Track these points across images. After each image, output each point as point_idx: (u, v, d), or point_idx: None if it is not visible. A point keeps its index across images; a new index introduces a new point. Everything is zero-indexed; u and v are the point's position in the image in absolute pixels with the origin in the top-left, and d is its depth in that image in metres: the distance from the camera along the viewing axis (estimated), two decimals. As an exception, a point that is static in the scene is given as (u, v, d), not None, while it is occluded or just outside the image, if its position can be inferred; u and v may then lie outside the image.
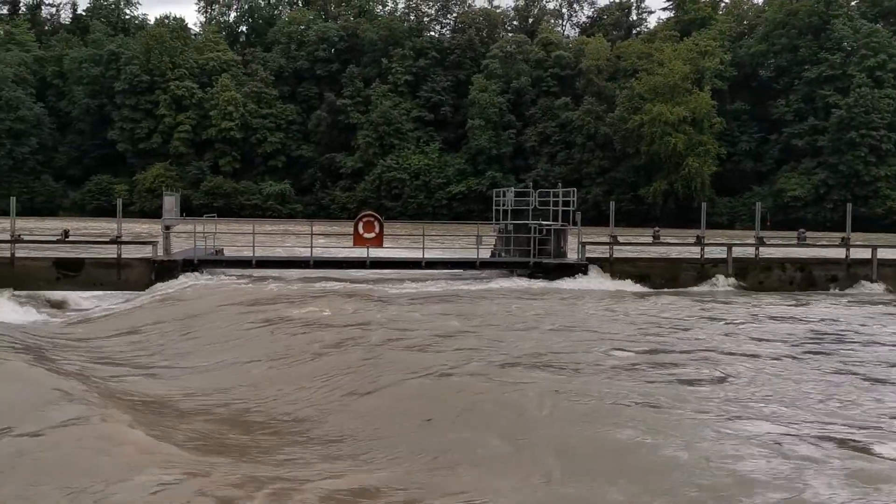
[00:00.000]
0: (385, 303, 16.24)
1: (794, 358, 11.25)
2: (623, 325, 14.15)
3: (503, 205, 23.14)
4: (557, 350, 11.35)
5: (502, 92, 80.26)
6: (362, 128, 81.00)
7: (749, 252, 22.64)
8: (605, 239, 21.97)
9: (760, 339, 12.78)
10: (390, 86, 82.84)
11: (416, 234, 22.35)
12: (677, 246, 25.93)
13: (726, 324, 14.73)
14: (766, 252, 22.90)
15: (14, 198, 20.99)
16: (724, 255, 21.72)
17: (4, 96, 78.91)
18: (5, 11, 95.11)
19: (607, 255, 21.36)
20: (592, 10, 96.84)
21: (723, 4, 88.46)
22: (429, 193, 79.17)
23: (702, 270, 21.42)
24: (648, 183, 73.65)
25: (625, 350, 11.53)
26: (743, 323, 14.86)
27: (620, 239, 22.61)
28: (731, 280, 21.22)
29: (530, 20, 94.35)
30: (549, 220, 22.08)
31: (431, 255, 21.75)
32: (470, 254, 22.52)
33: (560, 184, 24.59)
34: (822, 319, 15.55)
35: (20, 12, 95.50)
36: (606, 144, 76.12)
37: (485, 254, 22.72)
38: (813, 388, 9.35)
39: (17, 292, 17.81)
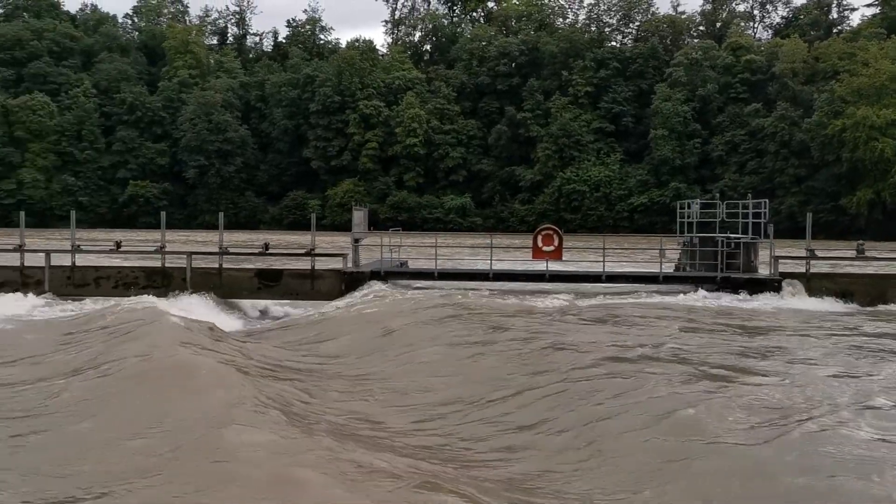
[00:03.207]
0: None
1: None
2: None
3: (688, 217, 22.29)
4: None
5: (687, 100, 77.53)
6: (542, 140, 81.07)
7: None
8: (801, 253, 20.57)
9: None
10: (570, 98, 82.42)
11: (596, 247, 22.00)
12: (887, 260, 23.73)
13: None
14: None
15: (222, 213, 22.86)
16: (942, 272, 19.69)
17: (214, 120, 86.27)
18: (216, 42, 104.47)
19: (803, 270, 19.98)
20: (787, 9, 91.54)
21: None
22: (609, 206, 77.81)
23: (914, 287, 19.52)
24: (851, 192, 68.15)
25: None
26: None
27: (818, 252, 21.04)
28: (951, 298, 19.17)
29: (718, 24, 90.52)
30: (737, 233, 21.02)
31: (612, 268, 21.34)
32: (652, 267, 21.87)
33: (750, 194, 23.32)
34: None
35: (228, 42, 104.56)
36: (802, 152, 71.37)
37: (668, 268, 21.99)
38: None
39: (224, 300, 19.44)
